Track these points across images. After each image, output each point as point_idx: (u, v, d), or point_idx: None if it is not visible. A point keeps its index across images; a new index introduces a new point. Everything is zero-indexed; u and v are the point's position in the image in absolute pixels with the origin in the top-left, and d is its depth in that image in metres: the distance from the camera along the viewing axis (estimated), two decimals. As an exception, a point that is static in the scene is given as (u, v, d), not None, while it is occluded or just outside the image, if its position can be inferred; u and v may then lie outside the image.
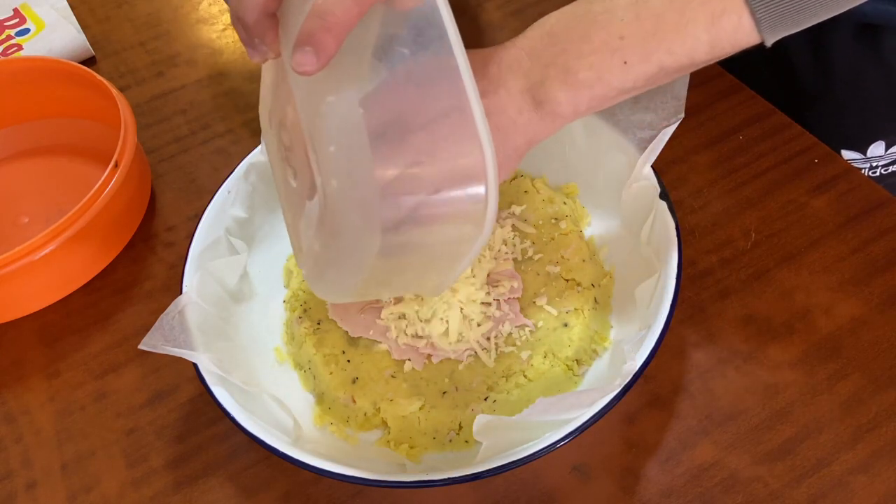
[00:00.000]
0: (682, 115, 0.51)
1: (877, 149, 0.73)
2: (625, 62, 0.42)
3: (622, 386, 0.43)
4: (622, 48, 0.42)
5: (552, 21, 0.46)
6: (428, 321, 0.52)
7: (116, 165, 0.61)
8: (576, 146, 0.58)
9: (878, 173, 0.75)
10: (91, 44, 0.81)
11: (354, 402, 0.51)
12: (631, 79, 0.43)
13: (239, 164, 0.58)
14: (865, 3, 0.42)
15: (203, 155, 0.71)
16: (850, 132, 0.64)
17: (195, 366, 0.47)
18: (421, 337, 0.52)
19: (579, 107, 0.44)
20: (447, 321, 0.51)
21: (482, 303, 0.53)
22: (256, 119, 0.72)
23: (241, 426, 0.45)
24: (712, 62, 0.43)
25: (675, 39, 0.42)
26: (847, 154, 0.72)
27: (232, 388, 0.47)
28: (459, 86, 0.37)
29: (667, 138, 0.52)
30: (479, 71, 0.46)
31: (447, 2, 0.37)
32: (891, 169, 0.76)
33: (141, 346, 0.47)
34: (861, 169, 0.69)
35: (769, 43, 0.42)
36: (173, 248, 0.65)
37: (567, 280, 0.55)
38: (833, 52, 0.68)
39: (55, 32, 0.80)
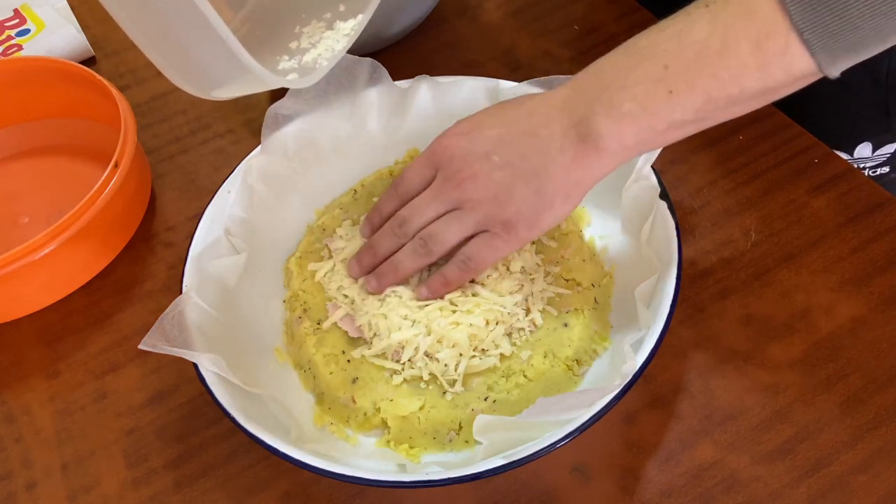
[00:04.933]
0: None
1: (864, 150, 0.73)
2: (670, 91, 0.42)
3: (622, 386, 0.43)
4: (666, 77, 0.42)
5: (600, 61, 0.46)
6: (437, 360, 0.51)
7: (116, 165, 0.61)
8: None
9: (866, 175, 0.75)
10: (91, 44, 0.81)
11: (354, 402, 0.51)
12: (678, 110, 0.42)
13: (239, 164, 0.58)
14: None
15: (203, 155, 0.71)
16: (837, 133, 0.64)
17: (195, 366, 0.47)
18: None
19: (625, 140, 0.43)
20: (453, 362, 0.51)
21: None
22: (256, 119, 0.72)
23: (241, 426, 0.45)
24: (769, 95, 0.42)
25: (720, 65, 0.40)
26: None
27: (232, 388, 0.47)
28: None
29: (667, 138, 0.52)
30: (524, 118, 0.47)
31: None
32: (878, 171, 0.76)
33: (141, 346, 0.47)
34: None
35: (833, 73, 0.40)
36: (173, 248, 0.65)
37: (567, 280, 0.55)
38: None
39: (55, 32, 0.80)
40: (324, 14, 0.56)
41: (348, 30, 0.54)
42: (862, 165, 0.75)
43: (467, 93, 0.61)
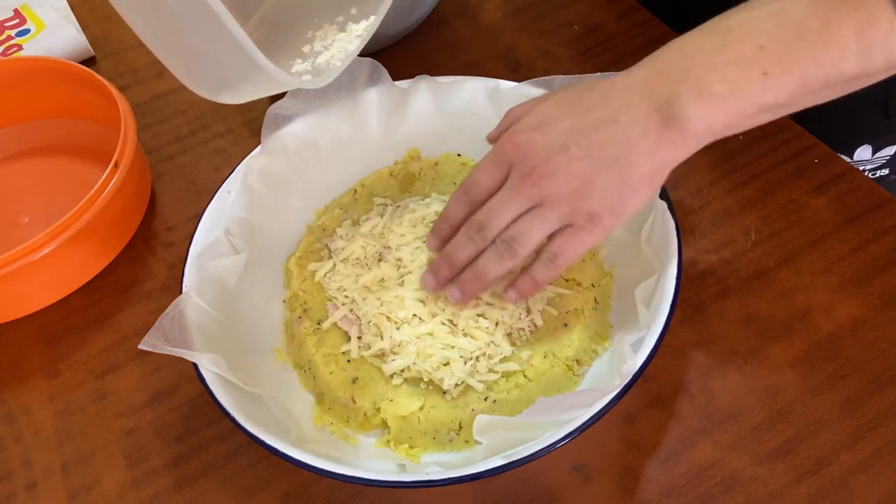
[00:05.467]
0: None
1: (864, 153, 0.73)
2: (764, 73, 0.40)
3: (622, 386, 0.43)
4: (761, 58, 0.40)
5: (680, 40, 0.44)
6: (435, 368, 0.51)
7: (116, 165, 0.61)
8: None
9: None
10: (91, 44, 0.81)
11: (354, 402, 0.51)
12: (771, 93, 0.41)
13: (239, 164, 0.58)
14: None
15: (203, 155, 0.71)
16: (837, 136, 0.64)
17: (195, 366, 0.47)
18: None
19: (714, 123, 0.42)
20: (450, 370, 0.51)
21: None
22: (256, 119, 0.72)
23: (241, 426, 0.45)
24: (864, 80, 0.41)
25: (820, 47, 0.39)
26: None
27: (232, 388, 0.47)
28: None
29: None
30: (599, 105, 0.45)
31: None
32: (878, 173, 0.76)
33: (141, 346, 0.47)
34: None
35: None
36: (173, 248, 0.65)
37: (567, 280, 0.55)
38: None
39: (55, 32, 0.80)
40: (336, 18, 0.56)
41: (361, 31, 0.54)
42: (862, 168, 0.75)
43: (467, 93, 0.61)
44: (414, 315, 0.52)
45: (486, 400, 0.50)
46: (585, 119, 0.46)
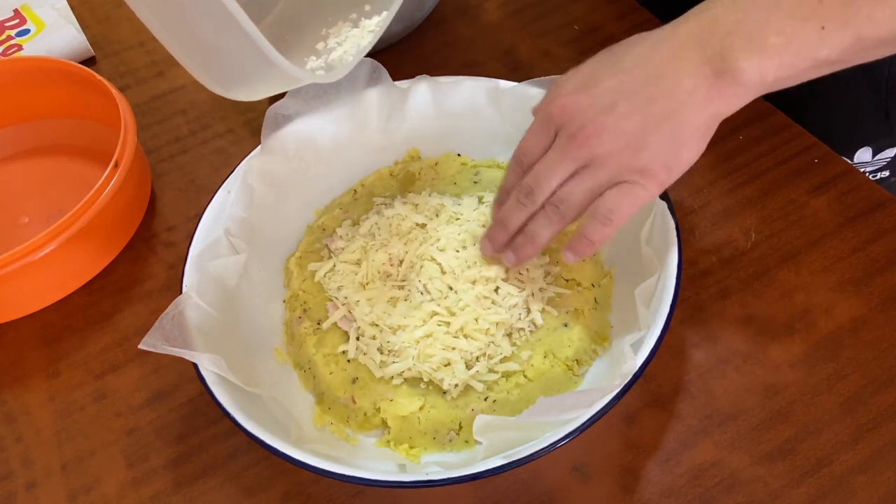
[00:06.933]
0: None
1: (864, 154, 0.73)
2: (822, 27, 0.40)
3: (622, 386, 0.43)
4: (818, 13, 0.40)
5: None
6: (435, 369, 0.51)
7: (116, 165, 0.61)
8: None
9: None
10: (91, 44, 0.81)
11: (354, 402, 0.51)
12: (826, 47, 0.41)
13: (239, 164, 0.58)
14: None
15: (203, 155, 0.71)
16: (837, 138, 0.64)
17: (195, 366, 0.47)
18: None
19: (766, 75, 0.42)
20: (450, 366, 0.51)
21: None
22: (256, 119, 0.72)
23: (241, 426, 0.45)
24: None
25: (877, 4, 0.39)
26: None
27: (232, 388, 0.47)
28: None
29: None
30: (644, 61, 0.45)
31: None
32: (878, 175, 0.76)
33: (141, 346, 0.47)
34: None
35: None
36: (173, 248, 0.65)
37: (567, 280, 0.55)
38: None
39: (55, 32, 0.80)
40: (349, 15, 0.57)
41: (373, 26, 0.54)
42: (862, 170, 0.75)
43: (467, 93, 0.61)
44: (409, 318, 0.52)
45: (486, 400, 0.50)
46: (632, 75, 0.45)
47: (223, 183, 0.57)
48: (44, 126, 0.74)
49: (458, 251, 0.55)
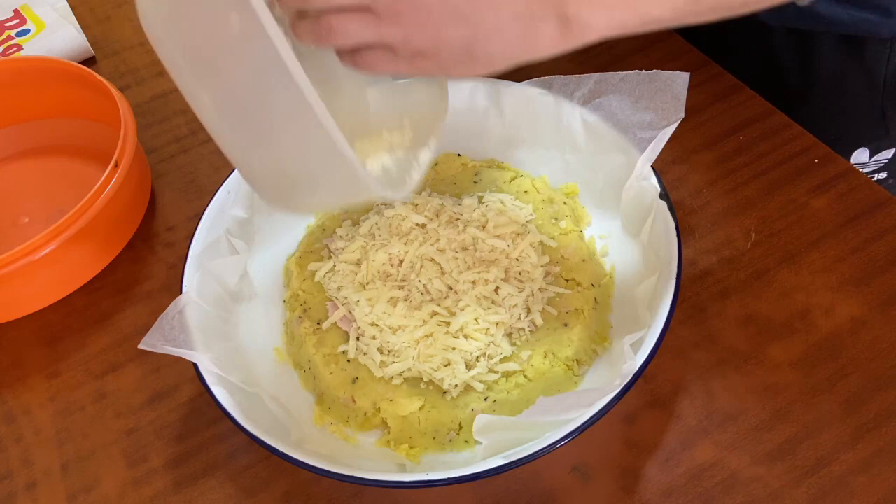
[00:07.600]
0: (682, 115, 0.52)
1: (861, 155, 0.73)
2: None
3: (622, 386, 0.43)
4: None
5: None
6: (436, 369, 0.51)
7: (116, 165, 0.61)
8: (576, 146, 0.58)
9: None
10: (91, 44, 0.81)
11: (354, 402, 0.51)
12: (656, 7, 0.41)
13: (239, 164, 0.58)
14: (842, 13, 0.41)
15: (203, 155, 0.71)
16: (833, 139, 0.64)
17: (195, 366, 0.47)
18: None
19: (598, 29, 0.41)
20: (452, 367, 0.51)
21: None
22: (256, 119, 0.72)
23: (241, 426, 0.45)
24: (750, 6, 0.41)
25: None
26: None
27: (232, 388, 0.47)
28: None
29: (667, 138, 0.52)
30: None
31: None
32: (876, 177, 0.76)
33: (141, 346, 0.47)
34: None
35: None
36: (173, 248, 0.65)
37: (567, 280, 0.55)
38: (818, 56, 0.68)
39: (55, 32, 0.80)
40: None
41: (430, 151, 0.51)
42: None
43: (467, 93, 0.61)
44: (409, 318, 0.52)
45: (486, 400, 0.50)
46: None
47: (223, 183, 0.57)
48: (44, 126, 0.74)
49: (457, 252, 0.55)
